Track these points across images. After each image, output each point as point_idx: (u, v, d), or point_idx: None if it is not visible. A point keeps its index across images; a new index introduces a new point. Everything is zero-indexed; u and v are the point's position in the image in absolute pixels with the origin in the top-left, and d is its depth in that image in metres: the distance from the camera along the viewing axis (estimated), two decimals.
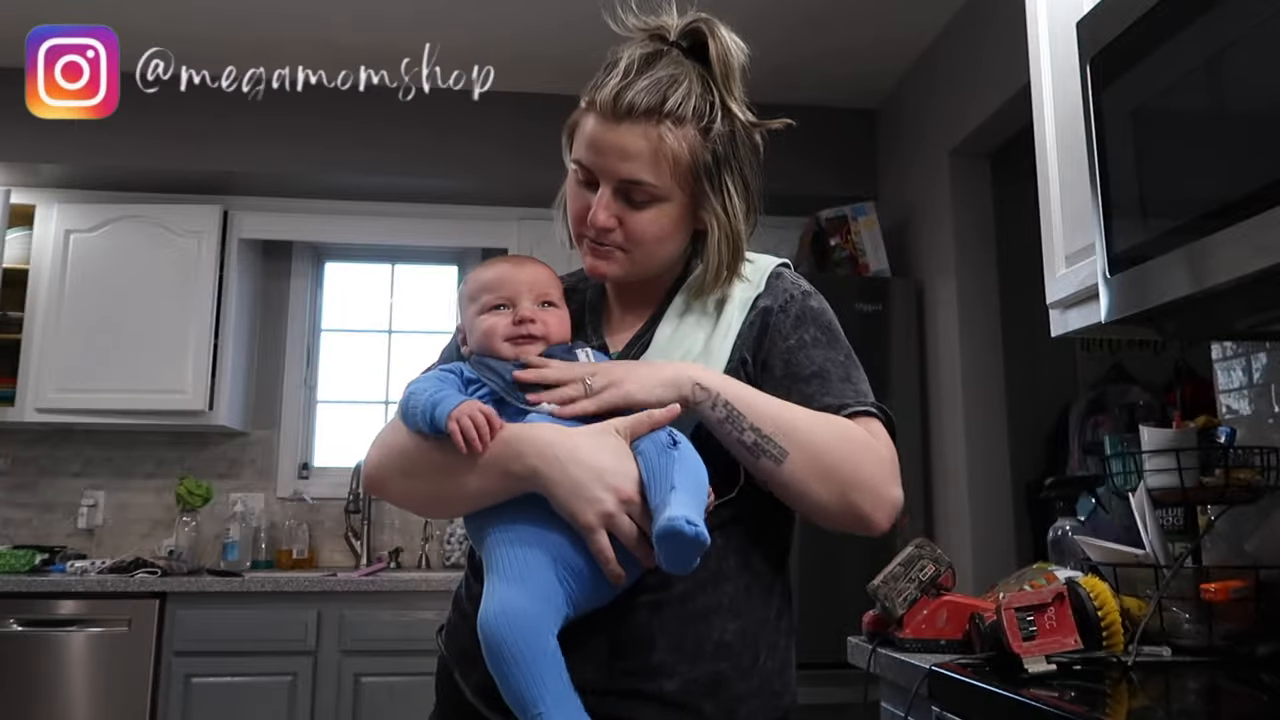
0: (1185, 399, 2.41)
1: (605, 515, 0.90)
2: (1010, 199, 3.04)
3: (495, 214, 3.65)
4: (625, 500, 0.90)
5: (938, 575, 1.47)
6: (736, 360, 1.06)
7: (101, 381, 3.34)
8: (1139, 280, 1.28)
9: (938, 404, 3.06)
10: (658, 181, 1.02)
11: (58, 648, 2.88)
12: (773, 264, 1.15)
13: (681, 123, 1.02)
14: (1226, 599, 1.30)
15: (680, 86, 1.02)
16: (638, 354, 1.08)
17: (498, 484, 0.95)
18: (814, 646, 2.85)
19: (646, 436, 0.94)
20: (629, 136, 1.01)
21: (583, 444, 0.93)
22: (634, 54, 1.04)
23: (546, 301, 1.07)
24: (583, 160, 1.05)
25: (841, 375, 1.05)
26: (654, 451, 0.92)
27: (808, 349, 1.06)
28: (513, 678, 0.85)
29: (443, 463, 0.98)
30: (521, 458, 0.93)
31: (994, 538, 2.82)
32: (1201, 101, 1.20)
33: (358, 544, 3.60)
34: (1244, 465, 1.42)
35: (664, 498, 0.87)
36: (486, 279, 1.08)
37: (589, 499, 0.90)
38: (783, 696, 1.05)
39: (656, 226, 1.05)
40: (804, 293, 1.12)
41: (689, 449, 0.94)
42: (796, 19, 3.09)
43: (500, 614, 0.87)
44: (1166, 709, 1.17)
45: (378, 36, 3.13)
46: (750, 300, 1.09)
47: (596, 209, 1.03)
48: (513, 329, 1.04)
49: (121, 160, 3.40)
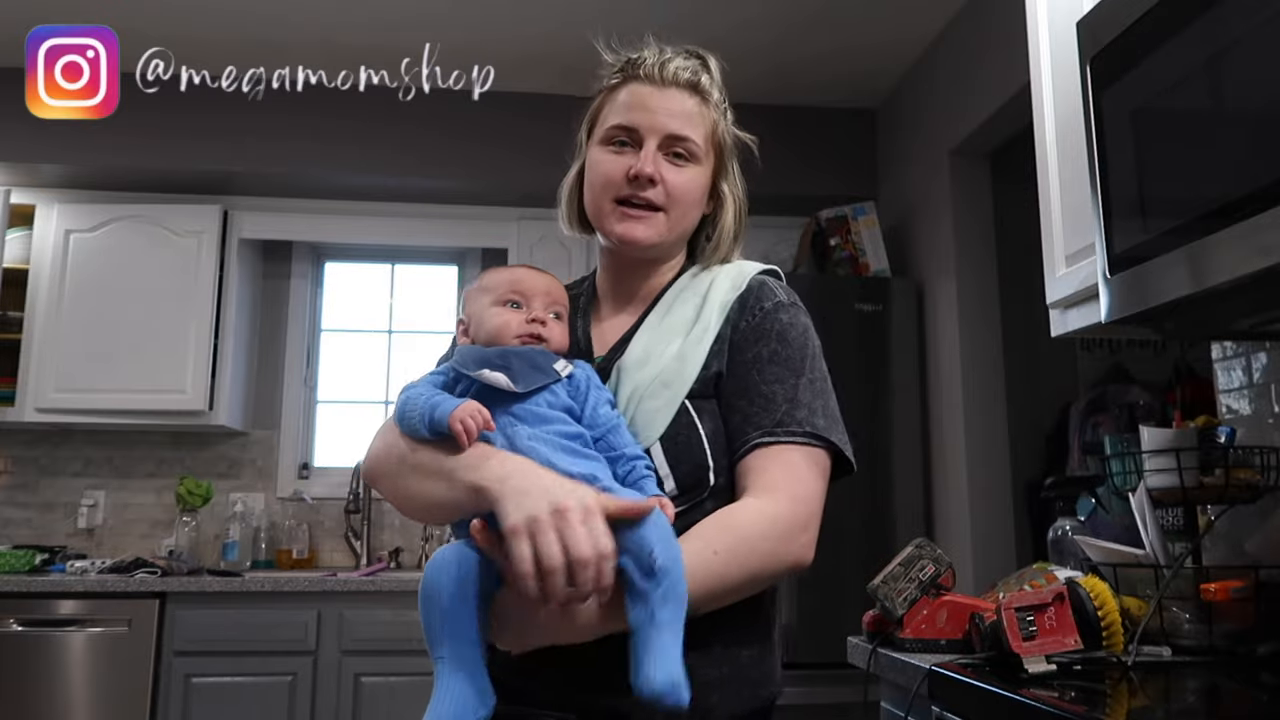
0: (1185, 399, 2.41)
1: (532, 520, 0.85)
2: (1010, 199, 3.04)
3: (495, 214, 3.66)
4: (557, 513, 0.85)
5: (938, 575, 1.46)
6: (712, 372, 1.07)
7: (101, 381, 3.34)
8: (1139, 280, 1.28)
9: (938, 404, 3.06)
10: (700, 140, 1.12)
11: (58, 648, 2.88)
12: (756, 270, 1.17)
13: (709, 101, 1.15)
14: (1226, 599, 1.30)
15: (705, 74, 1.17)
16: (618, 357, 1.10)
17: (462, 494, 0.94)
18: (814, 646, 2.88)
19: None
20: (676, 98, 1.12)
21: (549, 477, 0.91)
22: (656, 48, 1.17)
23: (556, 312, 1.10)
24: (626, 121, 1.12)
25: (788, 397, 1.05)
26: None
27: (762, 365, 1.07)
28: (429, 619, 0.89)
29: (424, 468, 0.99)
30: (485, 470, 0.92)
31: (994, 538, 2.82)
32: (1201, 102, 1.20)
33: (358, 544, 3.60)
34: (1244, 465, 1.42)
35: (646, 589, 0.86)
36: (506, 277, 1.12)
37: (521, 506, 0.86)
38: (762, 687, 1.05)
39: (692, 186, 1.13)
40: (776, 304, 1.12)
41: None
42: (796, 19, 3.09)
43: (437, 565, 0.91)
44: (1166, 709, 1.17)
45: (378, 36, 3.13)
46: (728, 304, 1.11)
47: (644, 161, 1.09)
48: (525, 326, 1.07)
49: (121, 160, 3.40)
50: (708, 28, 3.08)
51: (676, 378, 1.06)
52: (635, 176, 1.09)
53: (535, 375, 1.01)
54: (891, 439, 3.01)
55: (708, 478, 1.02)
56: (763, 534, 0.98)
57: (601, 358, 1.13)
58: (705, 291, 1.13)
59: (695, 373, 1.06)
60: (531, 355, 1.04)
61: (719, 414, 1.06)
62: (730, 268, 1.16)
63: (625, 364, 1.08)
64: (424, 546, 3.63)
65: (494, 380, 1.00)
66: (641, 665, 0.84)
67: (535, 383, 1.01)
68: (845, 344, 3.03)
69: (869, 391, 3.02)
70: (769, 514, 0.99)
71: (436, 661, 0.88)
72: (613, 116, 1.13)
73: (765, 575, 1.00)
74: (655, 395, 1.04)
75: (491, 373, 1.00)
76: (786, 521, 1.00)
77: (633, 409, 1.04)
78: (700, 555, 0.93)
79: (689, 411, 1.04)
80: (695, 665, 0.96)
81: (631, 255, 1.15)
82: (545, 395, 1.01)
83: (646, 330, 1.12)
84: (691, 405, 1.05)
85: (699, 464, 1.02)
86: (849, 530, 2.91)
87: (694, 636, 0.93)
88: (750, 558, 0.97)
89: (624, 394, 1.06)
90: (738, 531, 0.98)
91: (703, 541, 0.95)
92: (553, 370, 1.03)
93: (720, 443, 1.04)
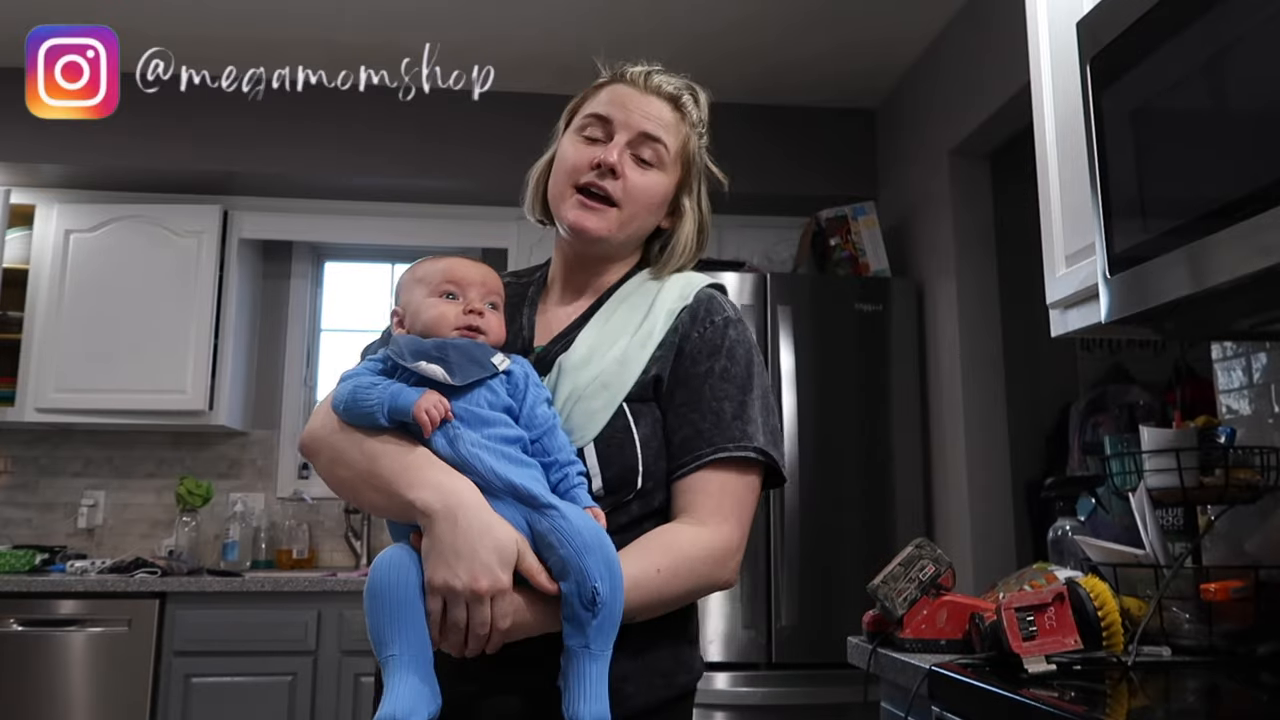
0: (1185, 399, 2.41)
1: (448, 588, 0.90)
2: (1010, 199, 3.04)
3: (495, 214, 3.65)
4: (472, 593, 0.90)
5: (938, 575, 1.46)
6: (651, 375, 1.09)
7: (101, 381, 3.34)
8: (1139, 280, 1.28)
9: (938, 404, 3.06)
10: (670, 145, 1.15)
11: (58, 648, 2.88)
12: (704, 282, 1.19)
13: (685, 118, 1.19)
14: (1226, 599, 1.30)
15: (690, 96, 1.21)
16: (559, 351, 1.12)
17: (397, 506, 0.97)
18: (814, 646, 2.88)
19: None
20: (655, 104, 1.16)
21: (482, 519, 0.93)
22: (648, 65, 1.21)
23: (492, 303, 1.11)
24: (602, 112, 1.15)
25: (735, 412, 1.08)
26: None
27: (713, 380, 1.10)
28: (377, 617, 0.91)
29: (359, 467, 1.00)
30: (429, 491, 0.94)
31: (994, 538, 2.82)
32: (1202, 102, 1.20)
33: (358, 544, 3.60)
34: (1244, 465, 1.43)
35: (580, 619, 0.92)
36: (441, 267, 1.11)
37: (445, 567, 0.91)
38: (675, 676, 1.08)
39: (652, 191, 1.15)
40: (725, 320, 1.14)
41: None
42: (796, 18, 3.08)
43: (387, 562, 0.94)
44: (1166, 709, 1.17)
45: (378, 36, 3.13)
46: (675, 312, 1.13)
47: (609, 150, 1.12)
48: (463, 318, 1.07)
49: (121, 160, 3.40)
50: (707, 28, 3.09)
51: (616, 379, 1.07)
52: (598, 165, 1.12)
53: (472, 369, 1.02)
54: (891, 439, 3.01)
55: (635, 480, 1.05)
56: (703, 558, 1.04)
57: (541, 348, 1.14)
58: (653, 298, 1.15)
59: (635, 376, 1.08)
60: (469, 348, 1.04)
61: (656, 419, 1.09)
62: (679, 277, 1.18)
63: (567, 363, 1.10)
64: None
65: (430, 372, 1.00)
66: (574, 697, 0.91)
67: (472, 376, 1.01)
68: (845, 344, 3.03)
69: (869, 391, 3.02)
70: (707, 541, 1.05)
71: (386, 660, 0.90)
72: (593, 105, 1.17)
73: (697, 593, 1.07)
74: (594, 396, 1.06)
75: (429, 365, 1.00)
76: (723, 548, 1.05)
77: (570, 407, 1.06)
78: (645, 571, 0.99)
79: (625, 414, 1.06)
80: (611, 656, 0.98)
81: (582, 248, 1.17)
82: (485, 394, 1.01)
83: (591, 329, 1.13)
84: (629, 408, 1.07)
85: (629, 467, 1.04)
86: (849, 530, 2.91)
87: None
88: (689, 579, 1.03)
89: (562, 393, 1.07)
90: (680, 553, 1.03)
91: (648, 560, 1.01)
92: (490, 364, 1.03)
93: (653, 447, 1.07)
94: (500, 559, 0.91)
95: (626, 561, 0.96)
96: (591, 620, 0.91)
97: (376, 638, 0.91)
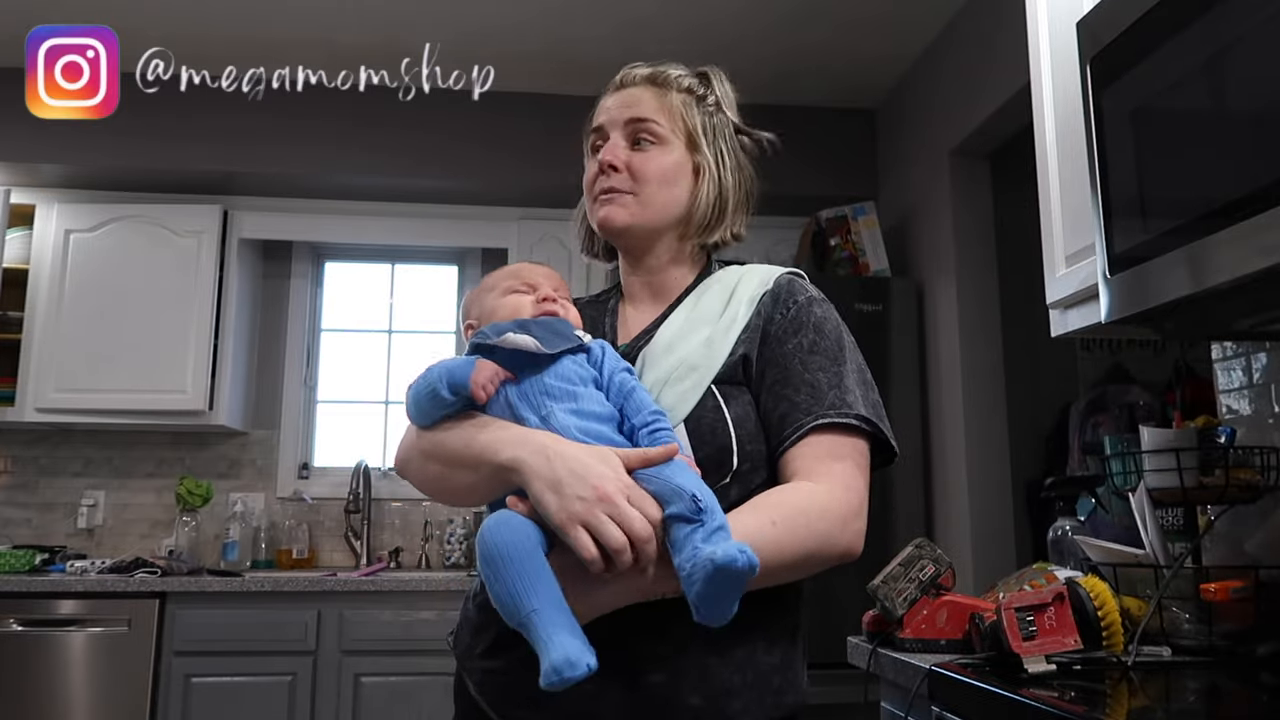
0: (1185, 399, 2.41)
1: (579, 510, 0.87)
2: (1010, 199, 3.04)
3: (495, 214, 3.66)
4: (603, 499, 0.87)
5: (938, 575, 1.47)
6: (738, 356, 1.08)
7: (101, 381, 3.34)
8: (1139, 280, 1.28)
9: (938, 404, 3.06)
10: (660, 120, 1.16)
11: (58, 648, 2.88)
12: (783, 271, 1.19)
13: (673, 88, 1.19)
14: (1226, 599, 1.30)
15: (674, 68, 1.21)
16: (643, 346, 1.12)
17: (487, 475, 0.97)
18: (814, 646, 2.86)
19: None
20: (631, 93, 1.19)
21: (572, 448, 0.93)
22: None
23: (563, 296, 1.13)
24: (595, 124, 1.20)
25: (831, 383, 1.06)
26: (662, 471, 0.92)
27: (802, 354, 1.08)
28: (505, 578, 0.86)
29: (445, 456, 1.01)
30: (511, 447, 0.94)
31: (994, 538, 2.82)
32: (1202, 101, 1.20)
33: (358, 544, 3.60)
34: (1244, 465, 1.42)
35: (688, 510, 0.87)
36: (508, 270, 1.16)
37: (564, 496, 0.88)
38: (784, 695, 1.04)
39: (658, 165, 1.15)
40: (809, 298, 1.13)
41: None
42: (796, 19, 3.09)
43: (496, 523, 0.90)
44: (1166, 709, 1.17)
45: (378, 36, 3.13)
46: (757, 298, 1.13)
47: (605, 152, 1.16)
48: (540, 305, 1.09)
49: (121, 160, 3.40)
50: (707, 28, 3.08)
51: (704, 361, 1.07)
52: (602, 165, 1.16)
53: (558, 340, 1.01)
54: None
55: (731, 460, 1.02)
56: (819, 513, 0.98)
57: (625, 345, 1.14)
58: (733, 287, 1.15)
59: (723, 357, 1.07)
60: (551, 323, 1.05)
61: (748, 401, 1.07)
62: (758, 268, 1.18)
63: (651, 351, 1.10)
64: (424, 547, 3.63)
65: (520, 343, 0.99)
66: (709, 544, 0.84)
67: (560, 345, 1.01)
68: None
69: None
70: (824, 496, 1.00)
71: (529, 616, 0.85)
72: (589, 128, 1.22)
73: (818, 557, 0.99)
74: (682, 378, 1.05)
75: (516, 335, 1.00)
76: (840, 508, 1.00)
77: (657, 392, 1.05)
78: (759, 524, 0.94)
79: (715, 395, 1.05)
80: (715, 669, 0.97)
81: (625, 245, 1.19)
82: (572, 366, 1.01)
83: (673, 322, 1.13)
84: (718, 390, 1.05)
85: (723, 446, 1.02)
86: None
87: (714, 639, 0.94)
88: (808, 535, 0.97)
89: (649, 380, 1.06)
90: (795, 506, 0.98)
91: (760, 513, 0.96)
92: (574, 336, 1.03)
93: (746, 428, 1.04)
94: (609, 465, 0.90)
95: (737, 520, 0.91)
96: (710, 519, 0.87)
97: (510, 601, 0.86)
